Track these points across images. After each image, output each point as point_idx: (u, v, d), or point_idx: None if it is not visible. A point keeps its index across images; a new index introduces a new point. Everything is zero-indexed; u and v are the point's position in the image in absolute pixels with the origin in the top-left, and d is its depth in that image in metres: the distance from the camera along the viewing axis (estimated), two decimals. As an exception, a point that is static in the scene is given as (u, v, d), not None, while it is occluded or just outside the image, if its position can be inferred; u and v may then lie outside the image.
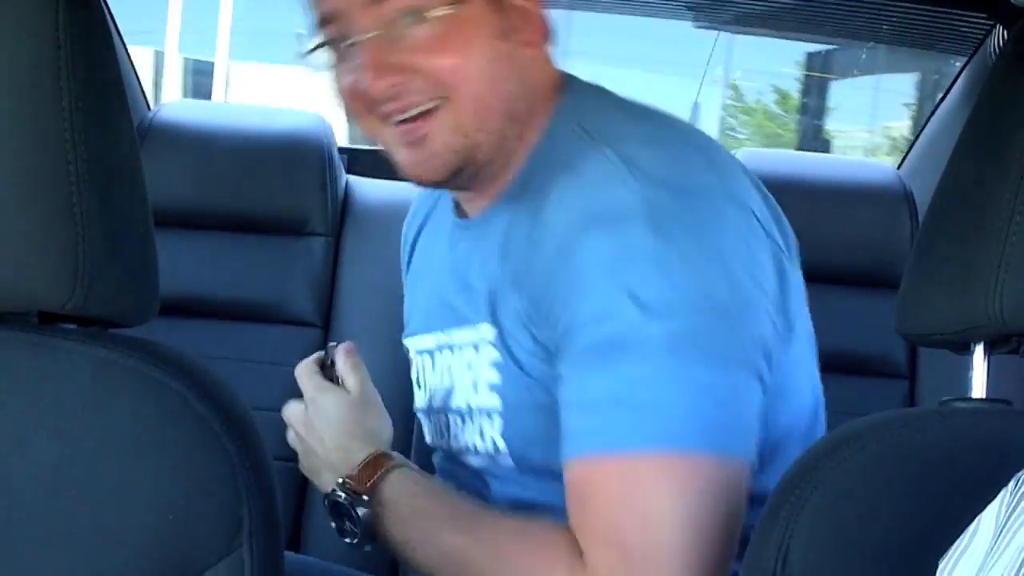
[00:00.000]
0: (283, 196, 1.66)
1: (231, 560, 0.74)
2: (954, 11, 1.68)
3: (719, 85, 7.39)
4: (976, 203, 0.82)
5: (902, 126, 5.90)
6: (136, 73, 1.82)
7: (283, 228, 1.66)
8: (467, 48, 0.94)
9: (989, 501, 0.62)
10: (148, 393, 0.74)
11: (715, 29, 1.71)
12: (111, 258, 0.74)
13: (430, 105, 0.94)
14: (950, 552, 0.63)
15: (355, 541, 0.96)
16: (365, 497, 0.95)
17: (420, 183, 1.02)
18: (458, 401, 1.03)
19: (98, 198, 0.74)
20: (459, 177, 0.98)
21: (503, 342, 0.96)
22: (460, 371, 1.02)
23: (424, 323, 1.10)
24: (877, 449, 0.78)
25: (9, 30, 0.72)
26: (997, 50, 1.68)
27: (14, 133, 0.72)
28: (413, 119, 0.94)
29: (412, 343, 1.14)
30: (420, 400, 1.11)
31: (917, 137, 1.94)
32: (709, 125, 6.58)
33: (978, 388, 0.85)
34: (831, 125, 7.16)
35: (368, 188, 1.76)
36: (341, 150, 1.83)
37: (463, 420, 1.03)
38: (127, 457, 0.73)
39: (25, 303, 0.74)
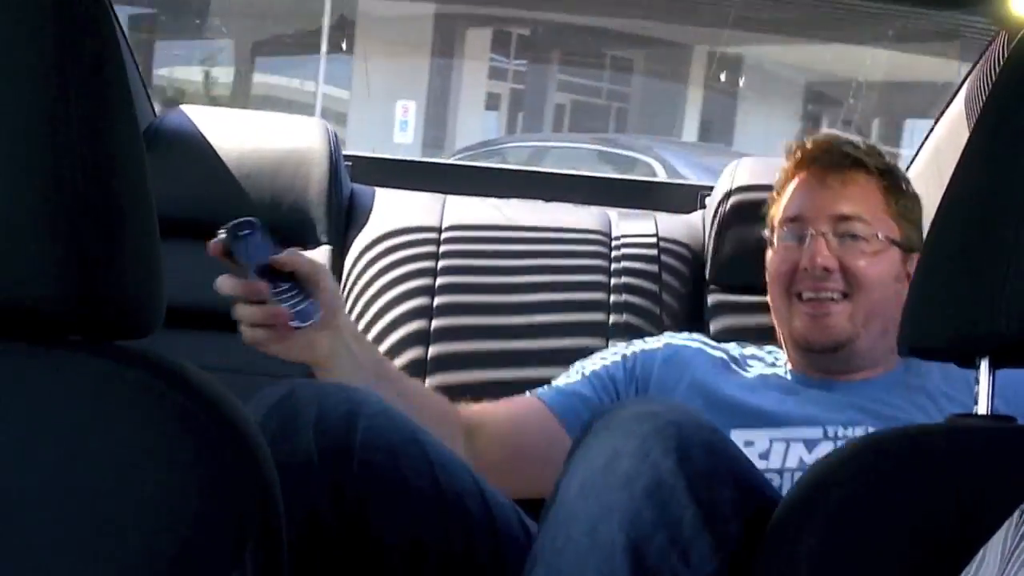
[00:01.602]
0: (288, 204, 1.66)
1: (235, 573, 0.73)
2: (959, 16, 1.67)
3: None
4: (982, 214, 0.81)
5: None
6: (143, 80, 1.82)
7: (288, 237, 1.66)
8: (880, 270, 1.36)
9: (993, 519, 0.62)
10: (151, 406, 0.74)
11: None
12: (116, 269, 0.74)
13: (838, 295, 1.35)
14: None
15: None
16: None
17: (809, 347, 1.37)
18: None
19: (103, 207, 0.73)
20: (837, 351, 1.36)
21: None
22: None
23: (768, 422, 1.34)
24: (883, 464, 0.77)
25: (13, 39, 0.72)
26: (1002, 56, 1.67)
27: (17, 143, 0.72)
28: (822, 301, 1.34)
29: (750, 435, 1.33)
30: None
31: (921, 145, 1.94)
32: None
33: (983, 403, 0.84)
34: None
35: (373, 197, 1.76)
36: (346, 158, 1.83)
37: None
38: (130, 471, 0.73)
39: (29, 315, 0.74)
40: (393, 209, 1.73)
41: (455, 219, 1.71)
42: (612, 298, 1.64)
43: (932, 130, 1.91)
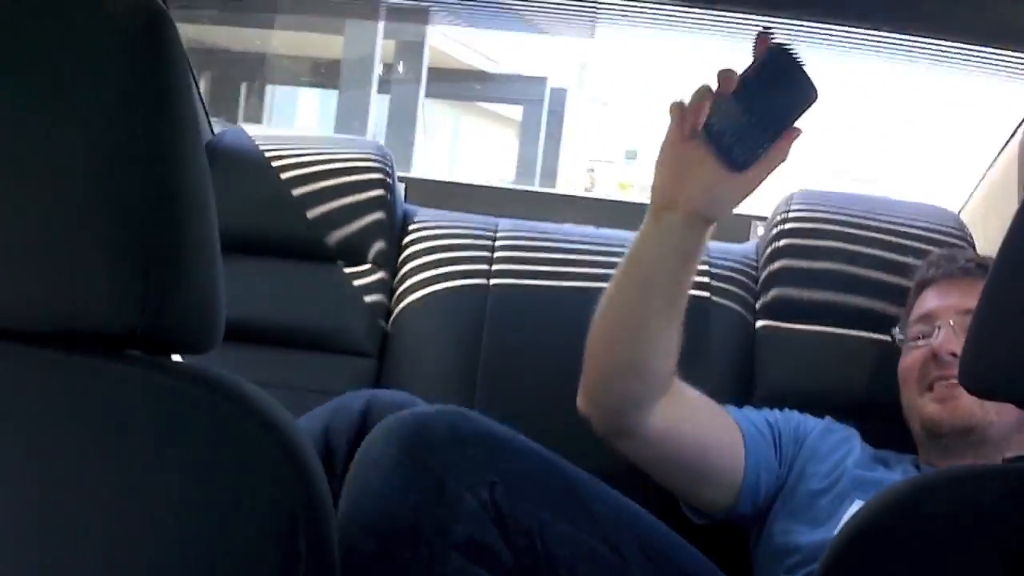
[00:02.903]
0: (343, 224, 1.67)
1: None
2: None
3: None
4: None
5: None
6: (201, 97, 1.84)
7: (342, 256, 1.67)
8: None
9: None
10: (209, 423, 0.75)
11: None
12: (178, 284, 0.75)
13: None
14: None
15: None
16: None
17: (939, 431, 1.39)
18: None
19: (167, 224, 0.74)
20: (968, 435, 1.36)
21: None
22: None
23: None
24: (935, 506, 0.77)
25: (84, 54, 0.73)
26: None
27: (85, 158, 0.73)
28: (951, 386, 1.35)
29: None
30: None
31: (980, 181, 1.92)
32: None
33: None
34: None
35: (426, 218, 1.77)
36: (400, 179, 1.84)
37: None
38: (187, 486, 0.74)
39: (92, 328, 0.75)
40: (446, 230, 1.74)
41: (507, 241, 1.72)
42: None
43: (991, 166, 1.89)
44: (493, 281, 1.67)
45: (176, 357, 0.81)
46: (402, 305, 1.67)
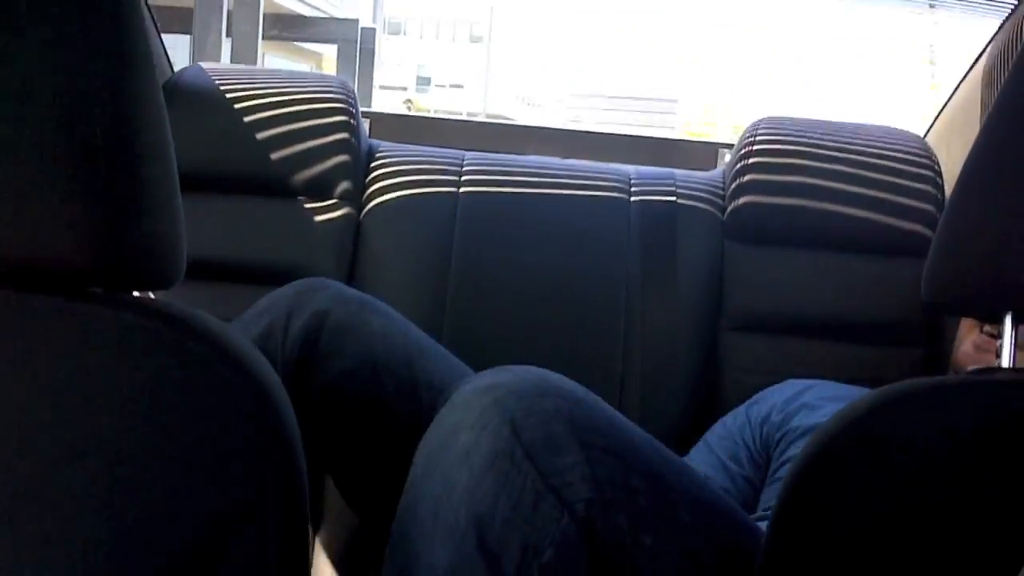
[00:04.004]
0: (307, 160, 1.66)
1: (256, 521, 0.74)
2: None
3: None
4: (1010, 171, 0.81)
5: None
6: (160, 35, 1.82)
7: (307, 192, 1.66)
8: None
9: (1016, 475, 0.62)
10: (172, 357, 0.75)
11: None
12: (137, 221, 0.74)
13: None
14: None
15: None
16: None
17: None
18: None
19: (124, 161, 0.74)
20: None
21: None
22: None
23: None
24: (903, 419, 0.78)
25: None
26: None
27: (39, 95, 0.72)
28: None
29: None
30: None
31: (945, 105, 1.93)
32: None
33: (1006, 358, 0.84)
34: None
35: (391, 152, 1.76)
36: (364, 114, 1.82)
37: None
38: (151, 420, 0.74)
39: (51, 267, 0.74)
40: (411, 164, 1.73)
41: (474, 174, 1.71)
42: (630, 249, 1.65)
43: (956, 90, 1.90)
44: (460, 217, 1.67)
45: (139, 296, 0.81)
46: (369, 238, 1.67)
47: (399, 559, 0.89)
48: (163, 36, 1.77)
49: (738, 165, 1.70)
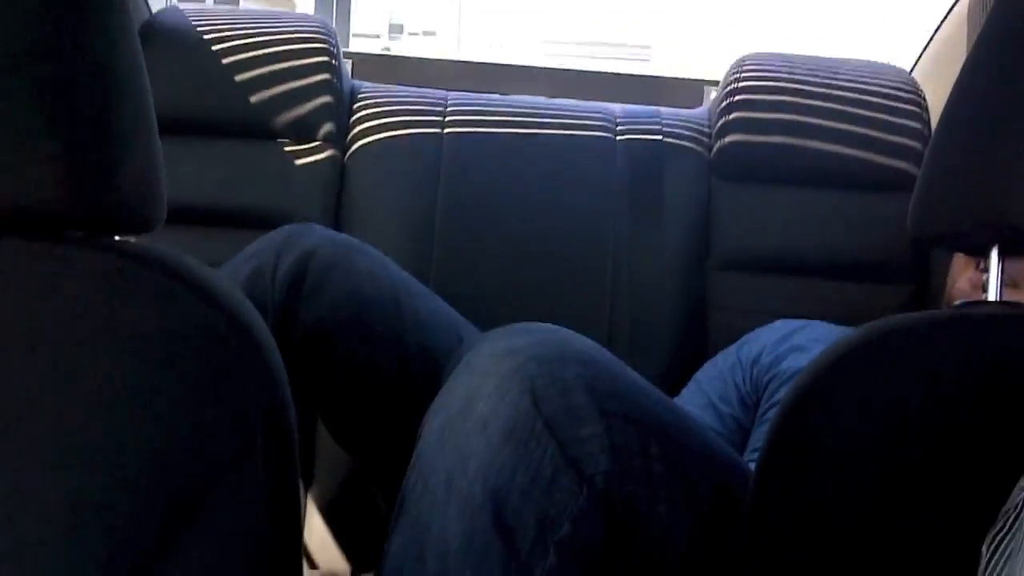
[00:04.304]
0: (289, 102, 1.64)
1: (245, 468, 0.74)
2: None
3: None
4: (995, 103, 0.80)
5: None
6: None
7: (290, 134, 1.65)
8: None
9: (1004, 406, 0.62)
10: (155, 301, 0.74)
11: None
12: (116, 165, 0.73)
13: None
14: (992, 533, 0.63)
15: None
16: None
17: None
18: None
19: (101, 104, 0.73)
20: None
21: None
22: None
23: None
24: (890, 353, 0.78)
25: None
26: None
27: (12, 39, 0.71)
28: None
29: None
30: None
31: (931, 40, 1.91)
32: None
33: (992, 291, 0.84)
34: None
35: (374, 92, 1.74)
36: (346, 55, 1.80)
37: None
38: (135, 366, 0.73)
39: (31, 212, 0.74)
40: (394, 105, 1.71)
41: (458, 114, 1.70)
42: (616, 187, 1.64)
43: (941, 24, 1.89)
44: (445, 157, 1.66)
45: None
46: (353, 180, 1.66)
47: (407, 530, 0.86)
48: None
49: (724, 103, 1.69)
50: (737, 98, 1.68)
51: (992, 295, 0.85)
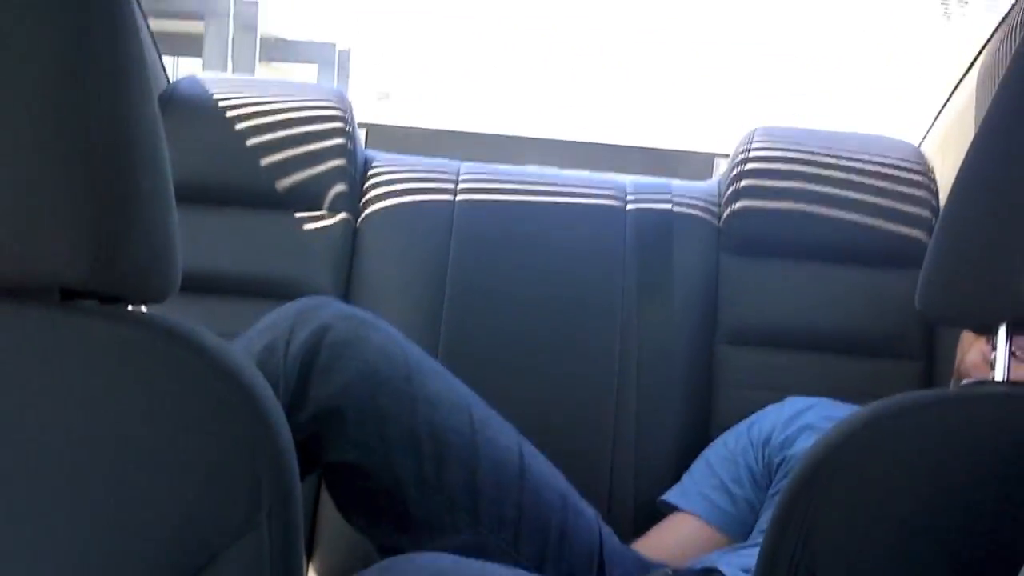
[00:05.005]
0: (303, 172, 1.66)
1: (250, 538, 0.74)
2: None
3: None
4: (1004, 181, 0.81)
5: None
6: (156, 45, 1.81)
7: (303, 204, 1.66)
8: None
9: (1011, 489, 0.61)
10: (167, 371, 0.75)
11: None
12: (132, 234, 0.74)
13: None
14: None
15: None
16: None
17: None
18: None
19: (118, 173, 0.73)
20: None
21: None
22: None
23: None
24: (896, 433, 0.77)
25: (30, 7, 0.72)
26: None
27: (33, 107, 0.72)
28: None
29: None
30: None
31: (939, 113, 1.93)
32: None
33: (1000, 371, 0.84)
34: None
35: (387, 162, 1.76)
36: (360, 124, 1.82)
37: None
38: (146, 434, 0.74)
39: (45, 279, 0.74)
40: (407, 175, 1.73)
41: (470, 184, 1.71)
42: (625, 258, 1.65)
43: (950, 98, 1.90)
44: (456, 228, 1.66)
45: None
46: (365, 249, 1.66)
47: None
48: (179, 59, 1.77)
49: (734, 174, 1.70)
50: (747, 169, 1.69)
51: (999, 374, 0.84)
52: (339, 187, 1.66)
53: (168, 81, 1.79)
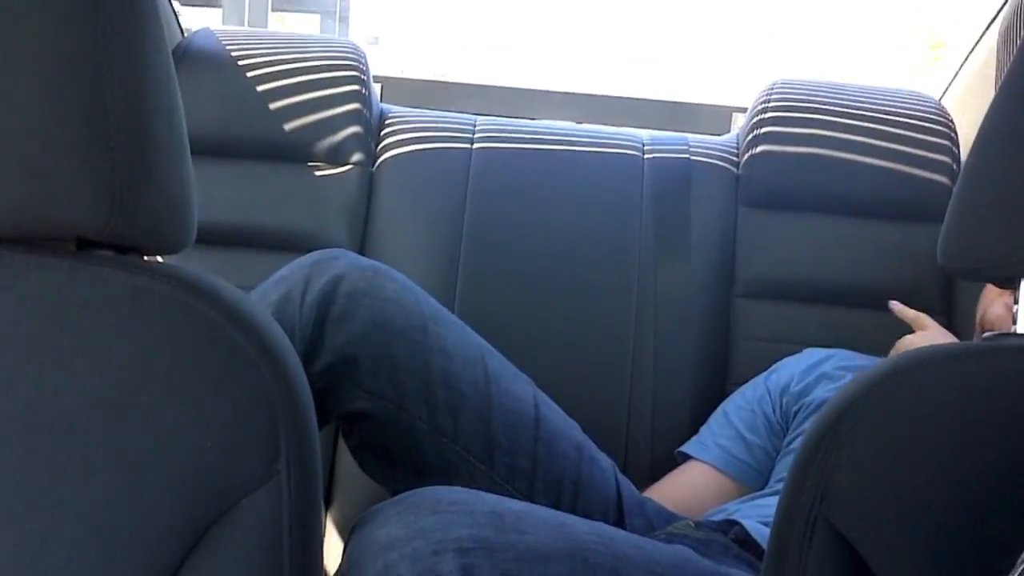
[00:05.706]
0: (319, 125, 1.65)
1: (269, 488, 0.74)
2: None
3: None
4: None
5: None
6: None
7: (319, 157, 1.66)
8: None
9: None
10: (184, 321, 0.75)
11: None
12: (148, 185, 0.74)
13: None
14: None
15: None
16: None
17: None
18: None
19: (134, 124, 0.73)
20: None
21: None
22: None
23: None
24: (918, 384, 0.77)
25: None
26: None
27: (48, 60, 0.71)
28: None
29: None
30: None
31: (961, 67, 1.91)
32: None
33: (1022, 323, 0.84)
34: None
35: (403, 116, 1.75)
36: (375, 78, 1.81)
37: None
38: (164, 384, 0.74)
39: (63, 229, 0.74)
40: (423, 129, 1.72)
41: (485, 138, 1.71)
42: (643, 215, 1.64)
43: (971, 53, 1.88)
44: (472, 181, 1.66)
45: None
46: (381, 203, 1.66)
47: None
48: (197, 9, 1.77)
49: (752, 128, 1.69)
50: (767, 118, 1.68)
51: (1021, 327, 0.84)
52: (355, 140, 1.66)
53: (183, 34, 1.78)
